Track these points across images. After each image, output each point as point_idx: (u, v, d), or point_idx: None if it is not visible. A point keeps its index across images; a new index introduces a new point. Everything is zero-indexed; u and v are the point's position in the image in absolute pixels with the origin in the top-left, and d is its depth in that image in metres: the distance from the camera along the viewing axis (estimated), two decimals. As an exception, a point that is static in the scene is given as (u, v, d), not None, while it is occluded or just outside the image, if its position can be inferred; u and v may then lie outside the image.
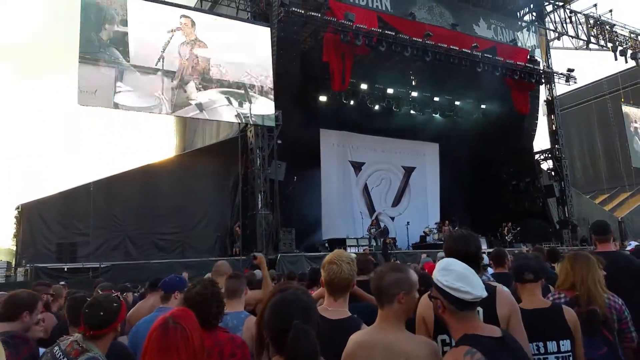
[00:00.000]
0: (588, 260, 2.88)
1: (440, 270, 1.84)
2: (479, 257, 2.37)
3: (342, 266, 2.36)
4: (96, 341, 2.29)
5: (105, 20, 12.55)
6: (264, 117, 14.32)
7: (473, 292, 1.75)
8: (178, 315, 1.89)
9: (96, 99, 12.37)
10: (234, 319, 2.94)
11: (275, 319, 1.60)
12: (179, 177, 15.38)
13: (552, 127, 21.70)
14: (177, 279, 3.67)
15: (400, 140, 21.73)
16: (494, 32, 19.82)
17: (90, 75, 12.15)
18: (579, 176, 30.78)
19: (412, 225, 18.82)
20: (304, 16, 15.26)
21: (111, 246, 14.09)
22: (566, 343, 2.46)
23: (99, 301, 2.40)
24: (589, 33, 22.32)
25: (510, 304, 2.22)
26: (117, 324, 2.37)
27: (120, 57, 12.55)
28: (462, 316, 1.78)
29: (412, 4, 17.83)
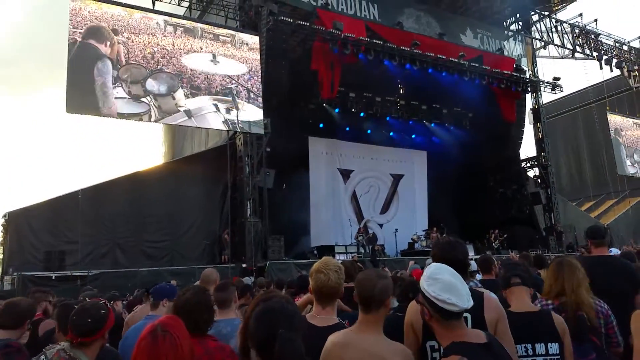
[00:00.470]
0: (573, 266, 2.88)
1: (428, 278, 1.85)
2: (466, 264, 2.40)
3: (330, 275, 2.36)
4: (84, 349, 2.26)
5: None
6: (251, 123, 14.34)
7: (459, 304, 1.76)
8: (167, 323, 1.88)
9: (85, 108, 12.37)
10: (228, 325, 2.92)
11: (261, 328, 1.59)
12: (168, 184, 15.39)
13: (539, 135, 21.98)
14: (167, 286, 3.65)
15: (388, 148, 21.90)
16: (481, 42, 20.13)
17: (79, 84, 12.12)
18: (565, 183, 31.07)
19: (401, 232, 18.91)
20: (292, 25, 15.38)
21: (100, 254, 14.03)
22: (554, 346, 2.47)
23: (87, 308, 2.37)
24: (575, 42, 22.71)
25: (498, 309, 2.24)
26: (105, 331, 2.35)
27: (109, 65, 12.57)
28: (449, 324, 1.81)
29: (400, 14, 18.06)
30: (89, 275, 12.42)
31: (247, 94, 14.36)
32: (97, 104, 12.24)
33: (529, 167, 22.54)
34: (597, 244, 3.68)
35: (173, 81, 13.36)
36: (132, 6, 13.52)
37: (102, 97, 12.25)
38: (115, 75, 12.51)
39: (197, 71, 13.74)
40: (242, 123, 14.14)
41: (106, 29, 12.69)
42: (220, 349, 2.35)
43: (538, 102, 21.93)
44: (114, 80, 12.45)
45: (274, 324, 1.56)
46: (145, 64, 13.02)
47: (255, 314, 1.64)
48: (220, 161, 15.22)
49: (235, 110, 13.96)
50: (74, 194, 13.80)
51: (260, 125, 14.48)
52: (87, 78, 12.24)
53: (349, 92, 19.09)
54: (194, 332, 2.27)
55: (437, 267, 1.92)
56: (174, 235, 15.17)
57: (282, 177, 16.45)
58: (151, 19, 13.58)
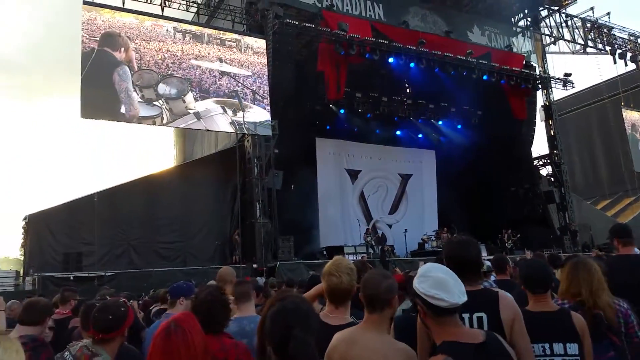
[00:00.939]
0: (590, 268, 2.80)
1: (419, 276, 1.87)
2: (479, 263, 2.37)
3: (342, 277, 2.39)
4: (105, 345, 2.36)
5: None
6: (257, 123, 14.60)
7: (448, 299, 1.76)
8: (180, 319, 1.96)
9: (102, 112, 12.82)
10: (251, 322, 2.95)
11: (276, 328, 1.61)
12: (179, 187, 15.70)
13: (551, 133, 21.64)
14: (184, 285, 3.69)
15: (396, 148, 21.88)
16: (488, 39, 19.97)
17: (97, 89, 12.59)
18: (579, 182, 30.39)
19: (410, 233, 18.82)
20: (298, 27, 15.59)
21: (115, 255, 14.38)
22: (573, 346, 2.42)
23: (108, 305, 2.50)
24: (586, 37, 22.28)
25: (513, 308, 2.21)
26: (125, 328, 2.45)
27: (128, 71, 13.02)
28: (441, 322, 1.82)
29: (405, 13, 18.08)
30: (106, 275, 12.75)
31: (253, 96, 14.68)
32: (117, 107, 12.67)
33: (541, 166, 22.19)
34: (625, 243, 3.58)
35: (183, 85, 13.76)
36: (142, 13, 13.99)
37: (127, 100, 12.73)
38: (131, 82, 13.00)
39: (205, 75, 14.15)
40: (248, 124, 14.42)
41: (120, 36, 13.15)
42: (234, 346, 2.43)
43: (549, 99, 21.60)
44: (129, 85, 12.95)
45: (288, 324, 1.59)
46: (156, 69, 13.47)
47: (270, 313, 1.67)
48: (230, 163, 15.49)
49: (242, 111, 14.28)
50: (90, 197, 14.17)
51: (265, 126, 14.72)
52: (106, 84, 12.67)
53: (356, 92, 19.08)
54: (210, 329, 2.37)
55: (430, 265, 1.95)
56: (186, 237, 15.48)
57: (290, 178, 16.63)
58: (161, 27, 14.01)
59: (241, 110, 14.30)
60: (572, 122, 30.27)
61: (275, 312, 1.66)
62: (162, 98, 13.33)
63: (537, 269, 2.78)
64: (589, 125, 29.77)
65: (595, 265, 2.83)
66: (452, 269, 2.20)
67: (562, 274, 2.98)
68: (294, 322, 1.59)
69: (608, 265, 3.09)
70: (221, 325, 2.48)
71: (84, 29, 12.79)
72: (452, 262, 2.27)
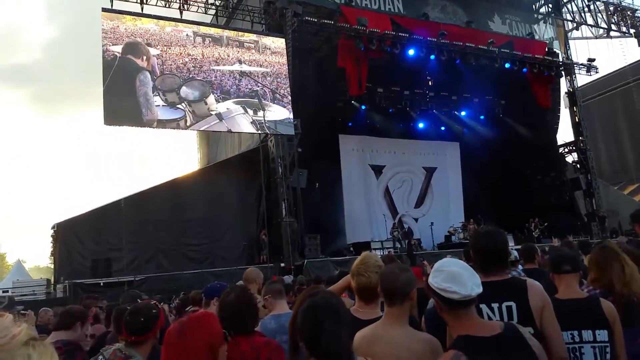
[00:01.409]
0: (617, 254, 2.77)
1: (433, 271, 1.88)
2: (506, 253, 2.37)
3: (371, 277, 2.41)
4: (138, 347, 2.40)
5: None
6: (277, 122, 14.70)
7: (461, 292, 1.75)
8: (191, 318, 2.01)
9: (125, 118, 12.96)
10: (289, 319, 3.06)
11: (307, 323, 1.63)
12: (205, 189, 15.78)
13: (575, 119, 21.33)
14: (217, 285, 3.74)
15: (419, 142, 21.73)
16: (509, 27, 19.71)
17: (119, 96, 12.76)
18: (606, 167, 29.92)
19: (436, 226, 18.77)
20: (317, 24, 15.52)
21: (144, 259, 14.47)
22: (602, 333, 2.41)
23: (140, 308, 2.55)
24: (610, 20, 21.85)
25: (542, 296, 2.22)
26: (157, 330, 2.47)
27: (148, 76, 13.18)
28: (456, 315, 1.81)
29: (425, 5, 17.89)
30: (135, 280, 12.86)
31: (272, 95, 14.83)
32: (139, 113, 12.86)
33: (567, 153, 21.90)
34: None
35: (204, 87, 13.98)
36: (162, 17, 14.12)
37: (146, 104, 12.92)
38: (152, 85, 13.18)
39: (225, 77, 14.33)
40: (269, 122, 14.56)
41: (142, 44, 13.35)
42: (266, 344, 2.43)
43: (573, 85, 21.25)
44: (152, 90, 13.15)
45: (319, 319, 1.60)
46: (178, 73, 13.70)
47: (301, 309, 1.69)
48: (254, 164, 15.52)
49: (262, 110, 14.45)
50: (117, 203, 14.30)
51: (286, 124, 14.81)
52: (128, 90, 12.87)
53: (377, 87, 18.99)
54: (240, 331, 2.39)
55: (445, 260, 1.94)
56: (213, 238, 15.55)
57: (314, 176, 16.58)
58: (181, 32, 14.20)
59: (261, 109, 14.47)
60: (597, 107, 29.77)
61: (306, 307, 1.67)
62: (185, 101, 13.58)
63: (564, 251, 2.83)
64: (614, 110, 29.24)
65: (622, 253, 2.77)
66: (479, 259, 2.26)
67: (590, 261, 2.92)
68: (325, 316, 1.60)
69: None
70: (250, 325, 2.48)
71: (107, 37, 12.97)
72: (479, 253, 2.28)
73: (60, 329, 3.11)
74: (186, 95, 13.63)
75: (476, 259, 2.30)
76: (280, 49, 15.23)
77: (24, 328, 0.90)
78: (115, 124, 13.04)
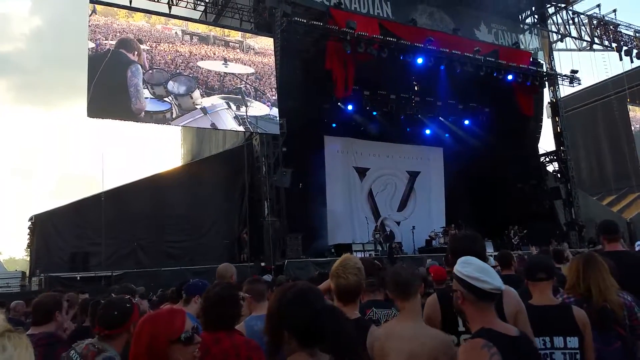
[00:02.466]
0: (599, 264, 2.82)
1: (461, 263, 1.94)
2: (484, 257, 2.38)
3: (349, 278, 2.43)
4: (111, 341, 2.36)
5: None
6: (258, 118, 14.87)
7: (492, 282, 1.81)
8: (150, 315, 1.90)
9: (108, 111, 12.96)
10: (258, 321, 2.99)
11: (301, 310, 1.57)
12: (187, 186, 15.64)
13: (557, 129, 21.69)
14: (199, 283, 3.63)
15: (404, 146, 21.87)
16: (495, 36, 19.99)
17: (107, 88, 12.81)
18: (585, 178, 30.50)
19: (418, 230, 18.85)
20: (306, 25, 15.54)
21: (122, 255, 14.28)
22: (573, 340, 2.45)
23: (113, 302, 2.54)
24: (593, 34, 22.28)
25: (516, 302, 2.29)
26: (130, 325, 2.42)
27: (140, 69, 13.38)
28: (481, 307, 1.85)
29: (413, 10, 18.05)
30: (113, 275, 12.65)
31: (255, 93, 15.11)
32: (128, 105, 13.08)
33: (548, 162, 22.25)
34: (610, 239, 3.61)
35: (190, 83, 14.21)
36: (150, 11, 14.21)
37: (135, 94, 13.19)
38: (142, 78, 13.46)
39: (210, 73, 14.62)
40: (251, 118, 14.78)
41: (134, 40, 13.63)
42: (246, 343, 2.44)
43: (556, 95, 21.62)
44: (142, 82, 13.43)
45: (312, 302, 1.58)
46: (166, 68, 13.96)
47: (288, 300, 1.63)
48: (238, 162, 15.46)
49: (244, 106, 14.72)
50: (97, 197, 14.08)
51: (267, 120, 14.99)
52: (118, 83, 13.07)
53: (364, 90, 19.04)
54: (221, 326, 2.39)
55: (469, 257, 2.00)
56: (194, 236, 15.41)
57: (298, 177, 16.57)
58: (170, 29, 14.48)
59: (244, 105, 14.71)
60: (579, 118, 30.31)
61: (294, 296, 1.63)
62: (172, 94, 13.87)
63: (539, 258, 2.96)
64: (595, 122, 29.81)
65: (604, 263, 2.82)
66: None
67: (570, 269, 2.99)
68: (316, 299, 1.60)
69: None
70: (232, 322, 2.47)
71: (100, 32, 13.12)
72: (457, 256, 2.26)
73: (39, 324, 3.01)
74: (172, 88, 13.91)
75: (454, 262, 2.31)
76: (265, 49, 15.47)
77: (0, 320, 0.90)
78: (101, 117, 13.05)
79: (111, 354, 2.30)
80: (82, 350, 2.34)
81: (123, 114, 13.20)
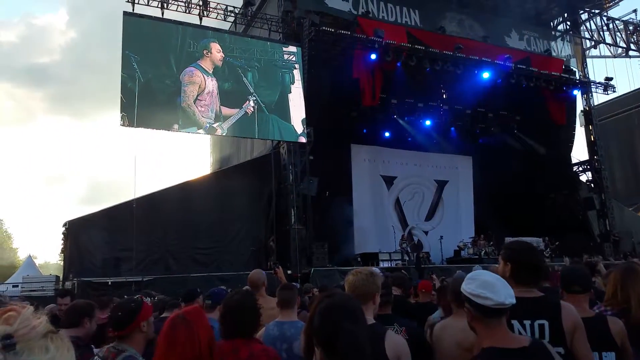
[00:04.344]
0: (638, 274, 2.72)
1: (467, 279, 1.91)
2: (544, 269, 2.47)
3: (349, 278, 2.48)
4: (127, 341, 2.43)
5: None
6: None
7: (494, 299, 1.77)
8: (187, 312, 2.00)
9: (139, 121, 13.19)
10: (291, 327, 3.00)
11: (325, 323, 1.60)
12: (216, 193, 15.82)
13: (591, 138, 21.13)
14: (224, 291, 3.68)
15: (432, 154, 21.62)
16: (527, 43, 19.64)
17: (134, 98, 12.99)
18: (621, 188, 29.44)
19: (446, 240, 18.58)
20: (334, 34, 15.63)
21: (152, 261, 14.48)
22: (610, 355, 2.37)
23: (119, 304, 2.67)
24: (629, 39, 21.68)
25: (575, 317, 2.23)
26: (140, 322, 2.47)
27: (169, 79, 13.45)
28: (488, 323, 1.81)
29: (442, 18, 17.92)
30: (143, 281, 12.88)
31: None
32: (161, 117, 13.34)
33: (581, 172, 21.68)
34: None
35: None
36: (182, 23, 14.34)
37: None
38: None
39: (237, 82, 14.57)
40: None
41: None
42: (264, 352, 2.43)
43: (589, 103, 21.09)
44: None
45: (338, 319, 1.58)
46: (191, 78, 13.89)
47: (319, 310, 1.65)
48: (265, 170, 15.59)
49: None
50: (129, 204, 14.39)
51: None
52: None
53: (391, 98, 18.97)
54: (239, 334, 2.39)
55: (478, 271, 1.98)
56: (222, 243, 15.55)
57: (325, 185, 16.58)
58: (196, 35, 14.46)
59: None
60: (613, 127, 29.38)
61: (324, 308, 1.64)
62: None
63: (576, 269, 2.84)
64: (631, 130, 28.86)
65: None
66: (520, 273, 2.26)
67: (610, 280, 2.88)
68: (344, 316, 1.58)
69: None
70: (251, 330, 2.48)
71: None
72: (523, 269, 2.27)
73: (68, 326, 3.07)
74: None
75: (516, 273, 2.27)
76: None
77: (43, 320, 0.92)
78: (130, 126, 13.27)
79: (130, 353, 2.37)
80: (103, 353, 2.41)
81: (156, 125, 13.50)
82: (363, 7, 16.46)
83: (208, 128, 13.85)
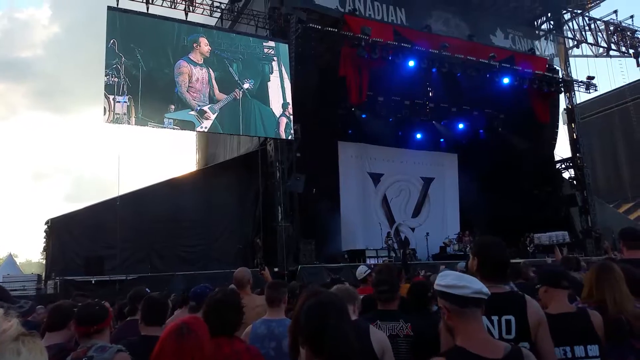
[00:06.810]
0: (614, 273, 2.72)
1: (439, 277, 1.87)
2: (509, 266, 2.40)
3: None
4: (96, 336, 2.55)
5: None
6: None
7: (472, 287, 1.73)
8: (192, 323, 1.99)
9: (124, 117, 12.98)
10: (279, 325, 2.99)
11: (311, 321, 1.60)
12: (202, 190, 15.72)
13: (573, 136, 21.44)
14: (207, 290, 3.63)
15: (418, 151, 21.78)
16: (512, 42, 19.89)
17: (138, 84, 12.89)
18: (602, 185, 30.07)
19: (432, 236, 18.71)
20: (321, 32, 15.61)
21: (137, 259, 14.36)
22: (594, 348, 2.40)
23: (86, 304, 2.86)
24: (610, 40, 22.02)
25: (539, 312, 2.25)
26: (109, 321, 2.69)
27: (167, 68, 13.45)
28: (465, 318, 1.74)
29: (428, 17, 18.02)
30: (127, 279, 12.73)
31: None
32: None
33: (563, 169, 22.02)
34: (630, 246, 3.51)
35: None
36: (167, 18, 14.12)
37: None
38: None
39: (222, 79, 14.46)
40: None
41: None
42: (247, 350, 2.43)
43: (572, 102, 21.40)
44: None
45: (324, 316, 1.57)
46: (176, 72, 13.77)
47: (305, 308, 1.65)
48: (252, 167, 15.52)
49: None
50: (113, 201, 14.22)
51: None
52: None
53: (378, 96, 19.05)
54: (222, 332, 2.37)
55: (447, 271, 1.93)
56: (208, 240, 15.47)
57: (312, 182, 16.56)
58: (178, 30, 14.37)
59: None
60: (595, 125, 29.99)
61: (310, 305, 1.64)
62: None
63: (557, 266, 3.01)
64: (612, 129, 29.48)
65: (620, 273, 2.72)
66: (486, 269, 2.26)
67: (586, 278, 2.94)
68: (330, 313, 1.58)
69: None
70: (233, 327, 2.47)
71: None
72: (487, 263, 2.28)
73: (52, 329, 2.98)
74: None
75: (482, 269, 2.28)
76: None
77: (14, 323, 0.90)
78: (116, 122, 13.06)
79: (102, 343, 2.45)
80: (72, 356, 2.46)
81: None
82: (350, 5, 16.49)
83: (199, 110, 13.76)
